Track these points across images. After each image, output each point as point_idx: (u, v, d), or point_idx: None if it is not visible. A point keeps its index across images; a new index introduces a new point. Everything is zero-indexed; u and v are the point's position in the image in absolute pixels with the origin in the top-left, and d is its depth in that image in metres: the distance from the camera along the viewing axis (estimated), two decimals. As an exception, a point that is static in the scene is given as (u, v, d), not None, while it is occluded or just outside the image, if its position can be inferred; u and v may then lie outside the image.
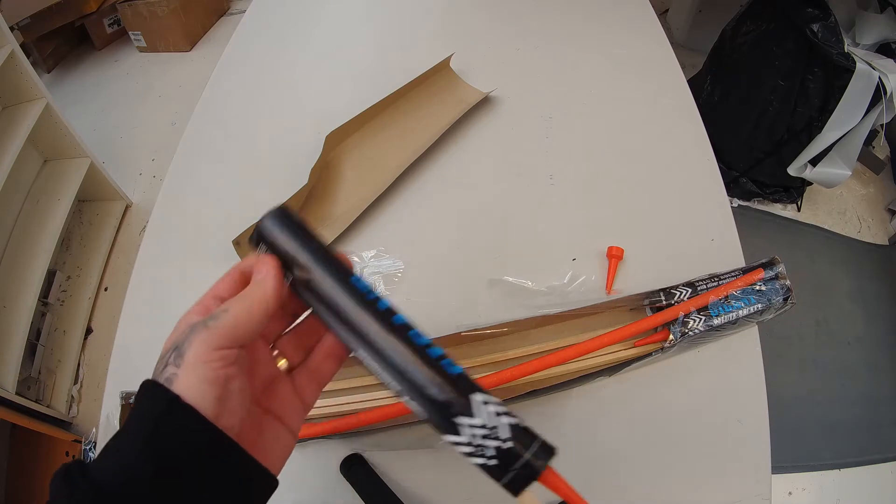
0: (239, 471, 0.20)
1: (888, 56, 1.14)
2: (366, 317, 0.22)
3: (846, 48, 1.10)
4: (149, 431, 0.19)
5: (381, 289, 0.51)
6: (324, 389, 0.26)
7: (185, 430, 0.19)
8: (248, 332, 0.21)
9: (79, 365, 1.24)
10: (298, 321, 0.26)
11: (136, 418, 0.19)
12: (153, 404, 0.19)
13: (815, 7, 1.12)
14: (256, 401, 0.24)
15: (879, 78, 1.07)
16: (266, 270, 0.22)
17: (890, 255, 1.48)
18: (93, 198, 1.45)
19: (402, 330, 0.22)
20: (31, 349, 1.16)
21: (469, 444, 0.21)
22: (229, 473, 0.20)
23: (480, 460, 0.21)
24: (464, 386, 0.22)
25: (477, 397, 0.21)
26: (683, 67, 0.71)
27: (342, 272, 0.23)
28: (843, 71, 1.10)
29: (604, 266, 0.51)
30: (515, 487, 0.21)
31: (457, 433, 0.21)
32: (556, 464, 0.21)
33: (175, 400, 0.19)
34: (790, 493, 1.09)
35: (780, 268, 0.43)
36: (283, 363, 0.25)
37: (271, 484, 0.22)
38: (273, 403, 0.24)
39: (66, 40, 1.95)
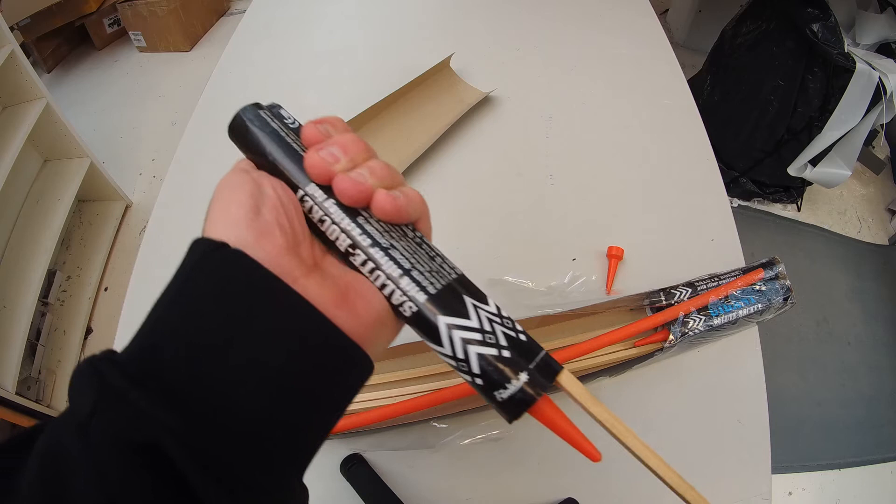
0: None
1: (888, 56, 1.14)
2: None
3: (846, 48, 1.10)
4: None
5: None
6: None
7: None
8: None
9: (79, 365, 1.24)
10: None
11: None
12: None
13: (815, 7, 1.12)
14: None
15: (879, 78, 1.07)
16: None
17: (890, 255, 1.48)
18: (93, 198, 1.45)
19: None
20: (31, 349, 1.15)
21: (479, 331, 0.19)
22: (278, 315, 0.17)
23: (492, 350, 0.19)
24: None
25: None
26: (683, 67, 0.71)
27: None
28: (843, 71, 1.10)
29: (604, 266, 0.51)
30: (546, 378, 0.20)
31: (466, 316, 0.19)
32: (556, 463, 0.21)
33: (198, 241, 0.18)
34: (790, 493, 1.09)
35: (780, 268, 0.43)
36: None
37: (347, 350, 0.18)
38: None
39: (66, 40, 1.95)
